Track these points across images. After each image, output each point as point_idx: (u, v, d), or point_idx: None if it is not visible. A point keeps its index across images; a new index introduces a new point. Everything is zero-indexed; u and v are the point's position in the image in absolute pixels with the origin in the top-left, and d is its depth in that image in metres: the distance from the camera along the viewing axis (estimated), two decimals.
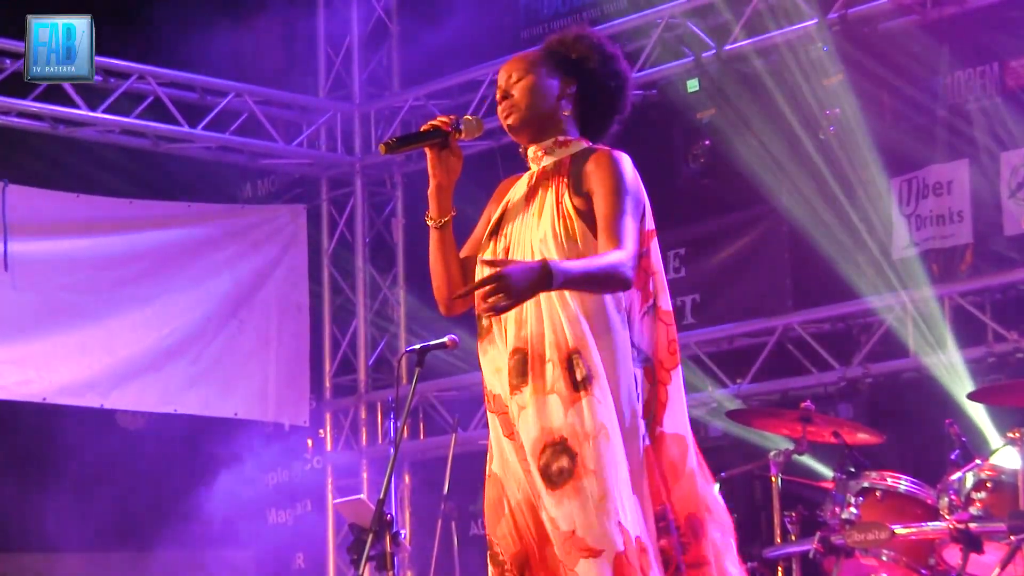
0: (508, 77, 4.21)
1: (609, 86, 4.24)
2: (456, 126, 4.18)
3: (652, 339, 4.05)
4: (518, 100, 4.19)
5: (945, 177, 8.50)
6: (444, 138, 4.18)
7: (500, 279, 3.73)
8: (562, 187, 4.11)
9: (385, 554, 7.01)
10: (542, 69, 4.21)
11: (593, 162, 4.09)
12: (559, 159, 4.17)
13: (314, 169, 11.09)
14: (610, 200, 4.02)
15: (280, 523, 11.15)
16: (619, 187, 4.04)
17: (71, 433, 9.94)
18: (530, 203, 4.14)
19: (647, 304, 4.06)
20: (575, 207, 4.06)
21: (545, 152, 4.19)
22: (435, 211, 4.21)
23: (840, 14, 8.60)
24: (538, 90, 4.18)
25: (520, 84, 4.19)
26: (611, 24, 9.55)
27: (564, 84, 4.20)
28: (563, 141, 4.19)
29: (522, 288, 3.75)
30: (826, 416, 7.20)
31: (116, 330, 9.98)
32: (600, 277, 3.90)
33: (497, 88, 4.24)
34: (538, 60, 4.24)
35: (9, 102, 9.46)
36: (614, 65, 4.25)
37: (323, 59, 11.14)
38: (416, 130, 4.28)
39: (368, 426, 10.90)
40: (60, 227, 9.87)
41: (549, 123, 4.19)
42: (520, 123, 4.18)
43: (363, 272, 10.96)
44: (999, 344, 8.21)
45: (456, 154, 4.20)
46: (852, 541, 6.32)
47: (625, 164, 4.09)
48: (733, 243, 9.35)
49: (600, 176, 4.06)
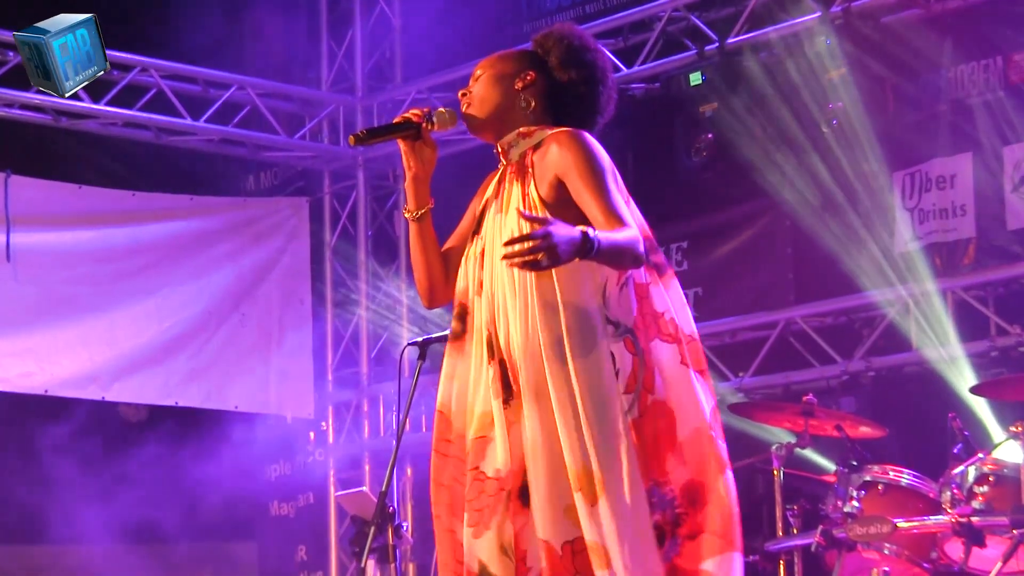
0: (473, 76, 4.21)
1: (571, 76, 4.15)
2: (428, 117, 4.17)
3: (628, 310, 4.00)
4: (475, 94, 4.18)
5: (948, 171, 8.49)
6: (416, 130, 4.18)
7: (547, 237, 3.69)
8: (528, 179, 4.08)
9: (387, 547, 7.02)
10: (503, 64, 4.19)
11: (554, 144, 4.04)
12: (522, 151, 4.15)
13: (316, 162, 11.08)
14: (591, 182, 3.98)
15: (282, 515, 11.15)
16: (594, 166, 4.00)
17: (72, 424, 9.94)
18: (500, 200, 4.13)
19: (623, 279, 4.02)
20: (541, 197, 4.04)
21: (510, 146, 4.18)
22: (412, 203, 4.23)
23: (843, 8, 8.59)
24: (493, 85, 4.16)
25: (479, 81, 4.19)
26: (614, 17, 9.54)
27: (521, 76, 4.15)
28: (525, 132, 4.16)
29: (564, 249, 3.71)
30: (828, 410, 7.21)
31: (118, 322, 9.98)
32: (624, 251, 3.88)
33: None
34: (505, 55, 4.23)
35: (11, 94, 9.46)
36: (580, 55, 4.18)
37: (326, 52, 11.13)
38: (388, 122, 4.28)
39: (370, 419, 10.89)
40: (62, 219, 9.86)
41: (508, 117, 4.16)
42: (475, 119, 4.17)
43: (365, 265, 10.95)
44: (1002, 338, 8.20)
45: (430, 145, 4.20)
46: (854, 535, 6.32)
47: (589, 140, 4.05)
48: (735, 237, 9.34)
49: (569, 158, 4.01)
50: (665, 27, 9.35)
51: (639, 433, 3.96)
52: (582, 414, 3.93)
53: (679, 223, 9.35)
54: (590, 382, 3.94)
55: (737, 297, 9.26)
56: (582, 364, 3.94)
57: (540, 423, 3.96)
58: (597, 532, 3.90)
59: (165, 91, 10.03)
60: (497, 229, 4.10)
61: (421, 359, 5.29)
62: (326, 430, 11.01)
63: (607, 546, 3.89)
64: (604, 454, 3.91)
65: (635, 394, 3.96)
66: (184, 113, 10.10)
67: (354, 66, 11.02)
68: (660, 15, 9.36)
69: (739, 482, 4.20)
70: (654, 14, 9.40)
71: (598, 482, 3.90)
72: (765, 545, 6.97)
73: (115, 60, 9.78)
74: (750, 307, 9.15)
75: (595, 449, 3.91)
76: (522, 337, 3.99)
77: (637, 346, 3.98)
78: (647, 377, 3.98)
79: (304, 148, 10.88)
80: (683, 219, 9.37)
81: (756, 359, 9.00)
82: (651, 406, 3.98)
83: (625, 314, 4.00)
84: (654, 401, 3.98)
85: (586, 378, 3.94)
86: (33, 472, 10.00)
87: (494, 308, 4.05)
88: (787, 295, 9.06)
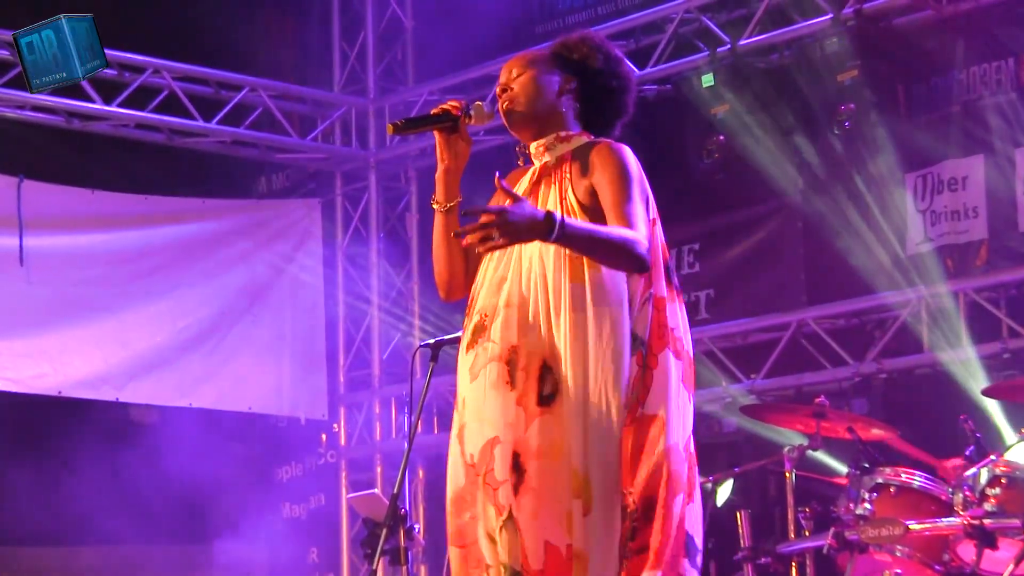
0: (509, 73, 4.24)
1: (611, 86, 4.25)
2: (466, 111, 4.19)
3: (645, 325, 4.04)
4: (517, 93, 4.20)
5: (960, 173, 8.48)
6: (453, 122, 4.19)
7: (500, 214, 3.75)
8: (565, 183, 4.12)
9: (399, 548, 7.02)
10: (543, 66, 4.23)
11: (596, 154, 4.11)
12: (561, 154, 4.19)
13: (328, 163, 11.10)
14: (616, 187, 4.04)
15: (294, 517, 11.16)
16: (624, 175, 4.06)
17: (85, 426, 9.96)
18: (533, 199, 4.15)
19: (647, 292, 4.06)
20: (579, 201, 4.09)
21: (547, 148, 4.21)
22: (442, 195, 4.23)
23: (855, 9, 8.59)
24: (538, 84, 4.20)
25: (520, 79, 4.21)
26: (626, 19, 9.55)
27: (565, 81, 4.22)
28: (564, 136, 4.20)
29: (519, 227, 3.77)
30: (840, 412, 7.21)
31: (131, 324, 10.00)
32: (609, 244, 3.92)
33: (498, 84, 4.26)
34: (540, 58, 4.26)
35: (23, 96, 9.48)
36: (617, 67, 4.27)
37: (338, 53, 11.15)
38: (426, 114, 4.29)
39: (382, 420, 10.90)
40: (75, 222, 9.89)
41: (549, 119, 4.20)
42: (519, 115, 4.20)
43: (377, 266, 10.96)
44: (1014, 340, 8.19)
45: (465, 139, 4.22)
46: (866, 537, 6.32)
47: (627, 153, 4.12)
48: (747, 238, 9.34)
49: (604, 167, 4.07)
50: (677, 29, 9.35)
51: (623, 443, 3.99)
52: (592, 422, 3.97)
53: (691, 225, 9.35)
54: (606, 394, 3.98)
55: (749, 299, 9.25)
56: (603, 374, 3.99)
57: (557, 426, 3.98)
58: (584, 541, 3.95)
59: (177, 93, 10.04)
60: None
61: (433, 361, 5.29)
62: (338, 432, 11.02)
63: (589, 556, 3.95)
64: (602, 466, 3.97)
65: (626, 406, 4.00)
66: (196, 115, 10.12)
67: (366, 68, 11.03)
68: (672, 17, 9.37)
69: (751, 484, 4.21)
70: (666, 16, 9.41)
71: (595, 494, 3.96)
72: (777, 547, 6.96)
73: (127, 62, 9.83)
74: (762, 309, 9.15)
75: (596, 459, 3.97)
76: (548, 339, 4.01)
77: (644, 360, 4.02)
78: (642, 391, 4.01)
79: (316, 150, 10.90)
80: (695, 221, 9.37)
81: (768, 361, 8.99)
82: (638, 419, 4.00)
83: (643, 328, 4.04)
84: (643, 414, 4.00)
85: (603, 389, 3.98)
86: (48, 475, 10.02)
87: (511, 307, 4.06)
88: (799, 297, 9.05)
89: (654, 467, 3.97)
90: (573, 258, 4.01)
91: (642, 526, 3.96)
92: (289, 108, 10.79)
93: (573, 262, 4.02)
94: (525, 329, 4.04)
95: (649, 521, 3.96)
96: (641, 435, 3.99)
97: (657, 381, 4.02)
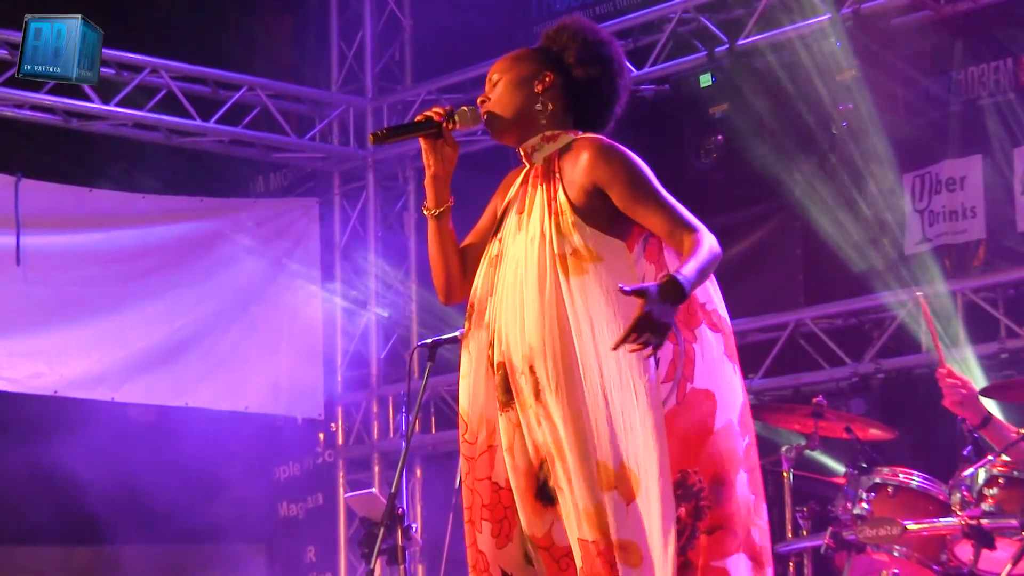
0: (490, 79, 4.19)
1: (591, 72, 4.16)
2: (450, 116, 4.15)
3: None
4: (495, 99, 4.15)
5: (958, 172, 8.48)
6: (437, 129, 4.14)
7: (645, 319, 3.73)
8: (555, 183, 4.07)
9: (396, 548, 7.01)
10: (522, 67, 4.17)
11: (586, 152, 4.04)
12: (548, 155, 4.13)
13: (326, 163, 11.09)
14: (643, 193, 4.01)
15: (291, 517, 11.16)
16: (640, 176, 4.02)
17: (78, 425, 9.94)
18: (523, 203, 4.12)
19: (661, 274, 3.99)
20: (570, 202, 4.02)
21: (534, 150, 4.16)
22: (431, 201, 4.20)
23: (853, 9, 8.59)
24: (514, 89, 4.14)
25: (498, 85, 4.16)
26: (624, 18, 9.54)
27: (542, 78, 4.14)
28: (550, 136, 4.15)
29: (665, 315, 3.76)
30: (838, 412, 7.20)
31: (127, 324, 9.99)
32: (710, 266, 3.94)
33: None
34: (520, 56, 4.21)
35: (22, 95, 9.48)
36: (597, 50, 4.18)
37: (336, 53, 11.14)
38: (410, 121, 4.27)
39: (380, 420, 10.90)
40: (72, 221, 9.88)
41: (531, 122, 4.14)
42: (498, 123, 4.14)
43: (375, 266, 10.96)
44: (1012, 340, 8.19)
45: (451, 144, 4.16)
46: (864, 536, 6.31)
47: (625, 150, 4.06)
48: (745, 238, 9.33)
49: (612, 171, 4.01)
50: (675, 29, 9.34)
51: (676, 421, 3.94)
52: (616, 411, 3.91)
53: None
54: (629, 379, 3.93)
55: (747, 298, 9.24)
56: (615, 363, 3.93)
57: (567, 421, 3.94)
58: (631, 530, 3.89)
59: (175, 92, 10.03)
60: (520, 231, 4.09)
61: (431, 361, 5.29)
62: (335, 431, 11.02)
63: (639, 544, 3.88)
64: (639, 450, 3.89)
65: (674, 383, 3.95)
66: (194, 114, 10.11)
67: (364, 67, 11.02)
68: (670, 16, 9.36)
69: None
70: (664, 15, 9.40)
71: (634, 480, 3.89)
72: (775, 547, 6.95)
73: (125, 61, 9.82)
74: (760, 308, 9.14)
75: (630, 445, 3.90)
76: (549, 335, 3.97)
77: (678, 335, 3.97)
78: (687, 366, 3.98)
79: (314, 149, 10.89)
80: None
81: (766, 361, 8.99)
82: (689, 395, 3.97)
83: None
84: (693, 390, 3.97)
85: (622, 375, 3.92)
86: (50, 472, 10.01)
87: (503, 310, 4.04)
88: (797, 296, 9.05)
89: (711, 445, 3.94)
90: (569, 256, 3.99)
91: (714, 505, 3.93)
92: (287, 107, 10.78)
93: (569, 260, 3.99)
94: (525, 329, 4.02)
95: (718, 500, 3.93)
96: (694, 412, 3.96)
97: (701, 356, 4.00)
